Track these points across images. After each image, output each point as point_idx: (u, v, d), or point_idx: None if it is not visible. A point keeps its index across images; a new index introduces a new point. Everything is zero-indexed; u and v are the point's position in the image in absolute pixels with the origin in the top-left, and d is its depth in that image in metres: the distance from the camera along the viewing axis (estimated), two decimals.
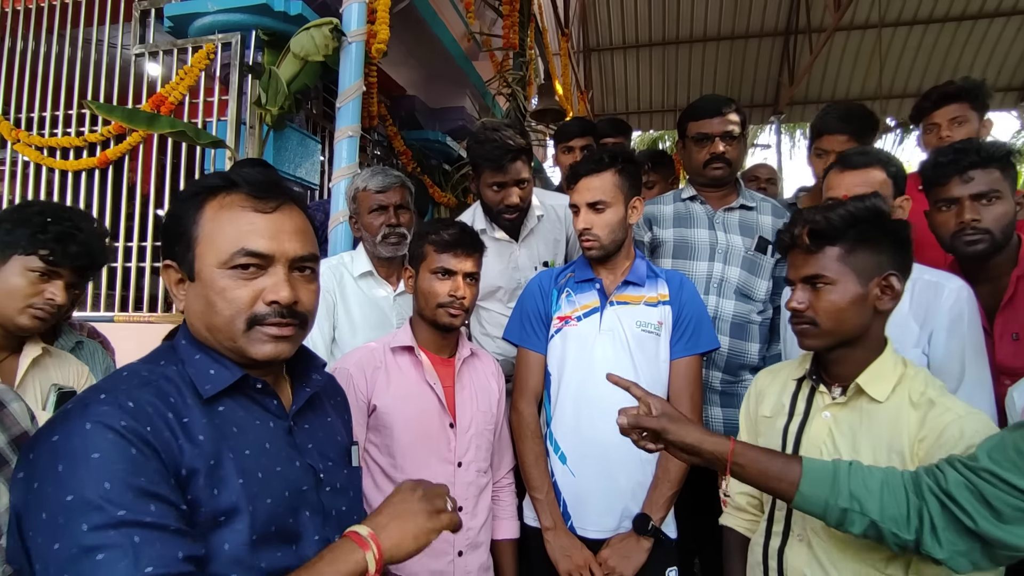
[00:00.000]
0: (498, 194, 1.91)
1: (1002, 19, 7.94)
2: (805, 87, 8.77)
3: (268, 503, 0.76)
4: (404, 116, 4.44)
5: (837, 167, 1.55)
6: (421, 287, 1.44)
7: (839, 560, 1.06)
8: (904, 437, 1.02)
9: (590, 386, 1.52)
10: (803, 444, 1.13)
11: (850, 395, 1.10)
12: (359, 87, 2.42)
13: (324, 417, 0.94)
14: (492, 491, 1.52)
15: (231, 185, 0.81)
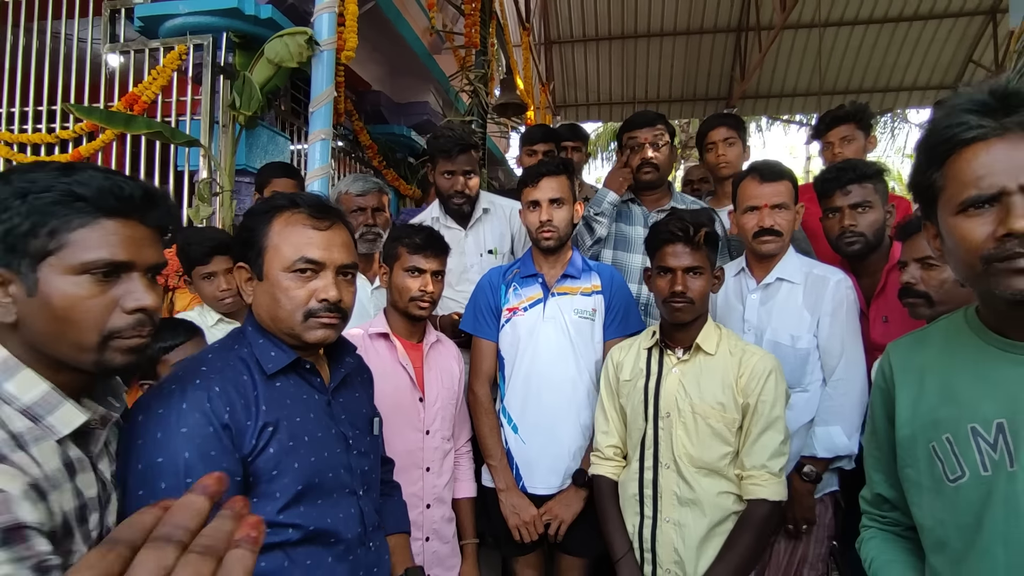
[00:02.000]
0: (448, 181, 2.22)
1: (934, 22, 8.45)
2: (756, 82, 9.17)
3: (312, 460, 1.00)
4: (370, 111, 4.58)
5: (755, 178, 1.81)
6: (395, 283, 1.68)
7: (696, 475, 1.45)
8: (731, 376, 1.45)
9: (537, 367, 1.80)
10: (661, 395, 1.50)
11: (692, 353, 1.50)
12: (331, 93, 2.60)
13: (354, 392, 1.18)
14: (454, 456, 1.78)
15: (295, 205, 1.04)
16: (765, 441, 1.42)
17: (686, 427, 1.48)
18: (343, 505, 1.04)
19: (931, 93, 9.22)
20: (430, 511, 1.65)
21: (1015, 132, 0.74)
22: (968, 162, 0.76)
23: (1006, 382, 0.80)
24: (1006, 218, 0.73)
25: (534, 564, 1.86)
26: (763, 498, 1.39)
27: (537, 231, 1.81)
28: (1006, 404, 0.79)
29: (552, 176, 1.81)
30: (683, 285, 1.46)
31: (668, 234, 1.50)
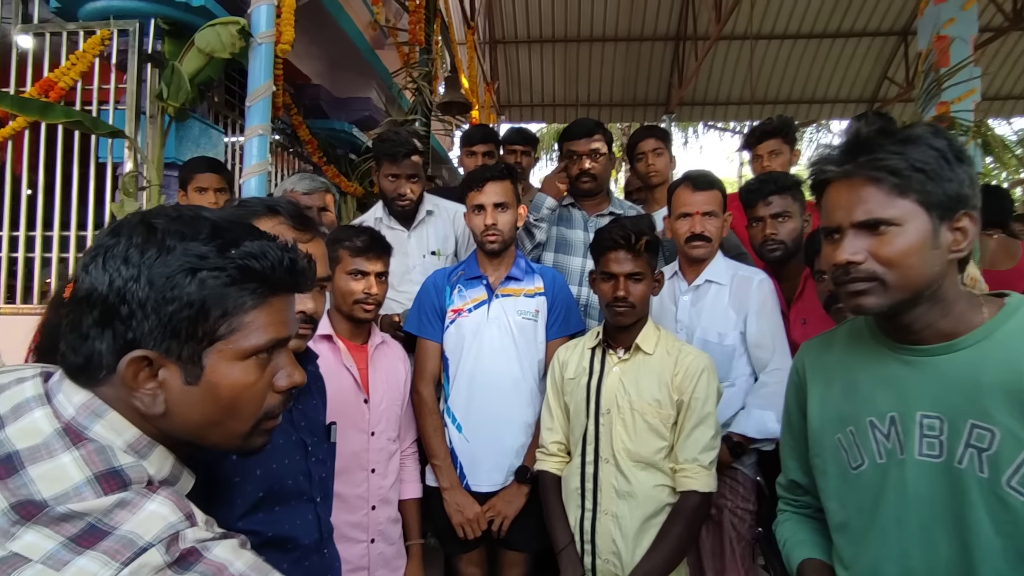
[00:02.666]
0: (393, 184, 2.23)
1: (854, 40, 9.04)
2: (692, 89, 9.53)
3: (273, 467, 0.99)
4: (309, 105, 4.46)
5: (687, 186, 1.90)
6: (338, 286, 1.66)
7: (634, 468, 1.52)
8: (667, 374, 1.53)
9: (481, 366, 1.83)
10: (602, 392, 1.57)
11: (631, 353, 1.57)
12: (269, 87, 2.52)
13: (311, 400, 1.16)
14: (400, 458, 1.78)
15: (276, 213, 1.01)
16: (697, 436, 1.50)
17: (625, 423, 1.54)
18: (301, 512, 1.03)
19: (851, 106, 9.87)
20: (375, 512, 1.64)
21: (857, 176, 0.86)
22: (827, 198, 0.91)
23: (896, 380, 0.90)
24: (835, 250, 0.88)
25: (477, 561, 1.88)
26: (694, 490, 1.47)
27: (482, 234, 1.84)
28: (897, 399, 0.89)
29: (497, 181, 1.85)
30: (625, 290, 1.53)
31: (611, 241, 1.57)
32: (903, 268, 0.85)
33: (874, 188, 0.85)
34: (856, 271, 0.86)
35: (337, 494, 1.52)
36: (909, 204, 0.84)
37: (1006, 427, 0.79)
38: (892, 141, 0.85)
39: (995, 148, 10.36)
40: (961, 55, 5.82)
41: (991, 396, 0.81)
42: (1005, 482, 0.79)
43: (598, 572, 1.52)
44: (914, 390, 0.88)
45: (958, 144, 0.85)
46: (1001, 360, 0.82)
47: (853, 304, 0.89)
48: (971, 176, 0.85)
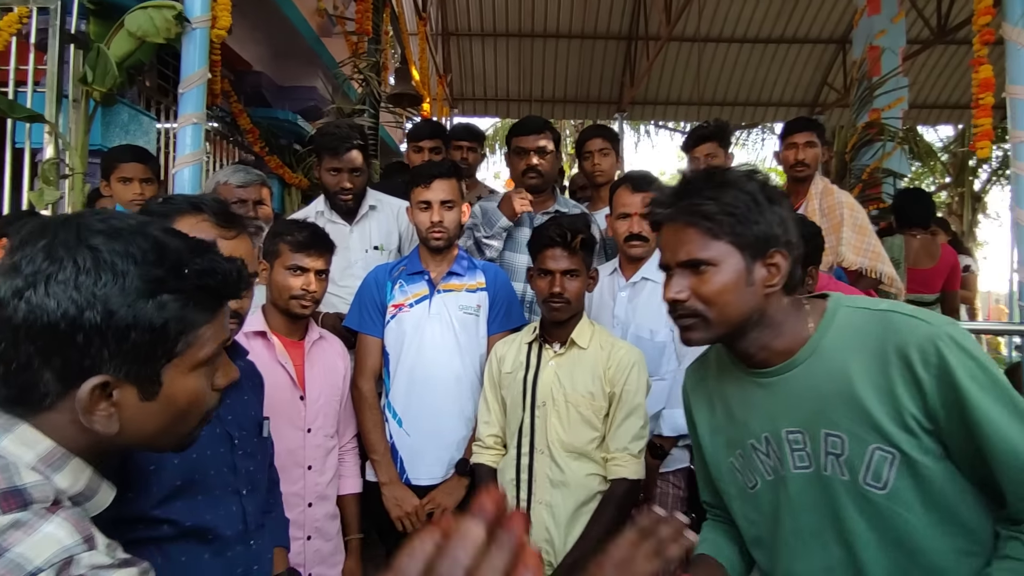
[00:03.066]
0: (334, 178, 2.20)
1: (796, 46, 9.41)
2: (644, 89, 9.71)
3: (193, 457, 0.98)
4: (250, 93, 4.33)
5: (627, 187, 1.95)
6: (275, 280, 1.63)
7: (567, 458, 1.56)
8: (600, 368, 1.58)
9: (422, 362, 1.83)
10: (538, 386, 1.61)
11: (567, 347, 1.62)
12: (204, 74, 2.42)
13: (242, 395, 1.16)
14: (339, 453, 1.76)
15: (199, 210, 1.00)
16: (628, 426, 1.56)
17: (559, 415, 1.58)
18: (224, 503, 1.04)
19: (794, 110, 10.26)
20: (312, 509, 1.63)
21: (678, 220, 0.94)
22: (659, 238, 0.99)
23: (758, 402, 0.96)
24: (665, 287, 0.95)
25: None
26: (624, 477, 1.53)
27: (427, 231, 1.84)
28: (764, 420, 0.95)
29: (444, 178, 1.85)
30: (560, 286, 1.57)
31: (548, 239, 1.61)
32: (720, 305, 0.90)
33: (693, 230, 0.91)
34: (682, 308, 0.93)
35: None
36: (723, 245, 0.90)
37: (849, 431, 0.85)
38: (710, 186, 0.91)
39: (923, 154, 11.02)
40: (891, 65, 6.17)
41: (831, 404, 0.87)
42: (862, 480, 0.85)
43: None
44: (774, 409, 0.94)
45: (770, 187, 0.92)
46: (830, 369, 0.88)
47: (683, 338, 0.96)
48: (781, 216, 0.91)
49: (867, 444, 0.84)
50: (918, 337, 0.82)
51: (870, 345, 0.86)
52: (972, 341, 0.82)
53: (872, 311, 0.89)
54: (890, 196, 5.01)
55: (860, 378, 0.85)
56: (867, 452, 0.84)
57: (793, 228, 0.92)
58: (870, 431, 0.84)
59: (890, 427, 0.82)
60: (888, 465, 0.83)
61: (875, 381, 0.84)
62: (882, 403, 0.83)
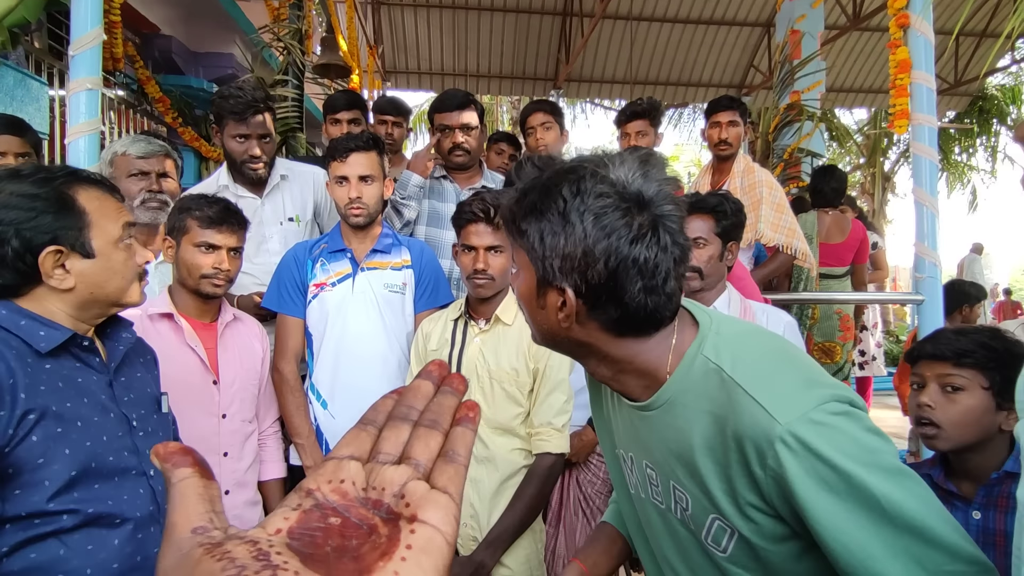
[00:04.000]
0: (242, 145, 2.04)
1: (725, 28, 9.67)
2: (580, 66, 9.74)
3: (88, 445, 0.94)
4: (159, 58, 4.01)
5: None
6: (183, 259, 1.53)
7: (492, 434, 1.58)
8: (524, 344, 1.58)
9: (347, 342, 1.78)
10: (463, 362, 1.61)
11: (491, 324, 1.61)
12: (98, 35, 2.20)
13: (135, 372, 1.12)
14: (259, 439, 1.70)
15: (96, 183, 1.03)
16: (551, 401, 1.58)
17: (484, 391, 1.58)
18: (128, 487, 1.01)
19: (722, 91, 10.56)
20: (230, 497, 1.56)
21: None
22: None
23: (628, 425, 0.87)
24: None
25: None
26: (547, 451, 1.55)
27: (346, 207, 1.77)
28: (631, 442, 0.88)
29: (362, 151, 1.77)
30: (484, 263, 1.55)
31: (471, 214, 1.58)
32: (526, 310, 0.80)
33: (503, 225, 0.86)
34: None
35: None
36: (518, 249, 0.77)
37: (692, 493, 0.78)
38: (527, 182, 0.76)
39: (839, 135, 11.67)
40: (810, 49, 6.45)
41: (677, 463, 0.79)
42: (704, 539, 0.79)
43: (458, 536, 1.55)
44: (637, 439, 0.86)
45: (580, 203, 0.69)
46: (677, 428, 0.77)
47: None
48: (584, 244, 0.69)
49: (708, 513, 0.77)
50: (755, 433, 0.68)
51: (714, 415, 0.73)
52: (833, 432, 0.66)
53: (723, 376, 0.73)
54: (808, 175, 5.29)
55: (701, 450, 0.74)
56: (707, 519, 0.77)
57: (604, 262, 0.69)
58: (708, 503, 0.76)
59: (727, 507, 0.74)
60: (727, 536, 0.76)
61: (715, 457, 0.74)
62: (720, 482, 0.74)
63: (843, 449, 0.65)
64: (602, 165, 0.72)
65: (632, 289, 0.71)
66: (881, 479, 0.65)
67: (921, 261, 2.61)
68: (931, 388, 1.20)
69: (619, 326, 0.75)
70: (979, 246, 10.67)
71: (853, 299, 3.94)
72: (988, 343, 1.19)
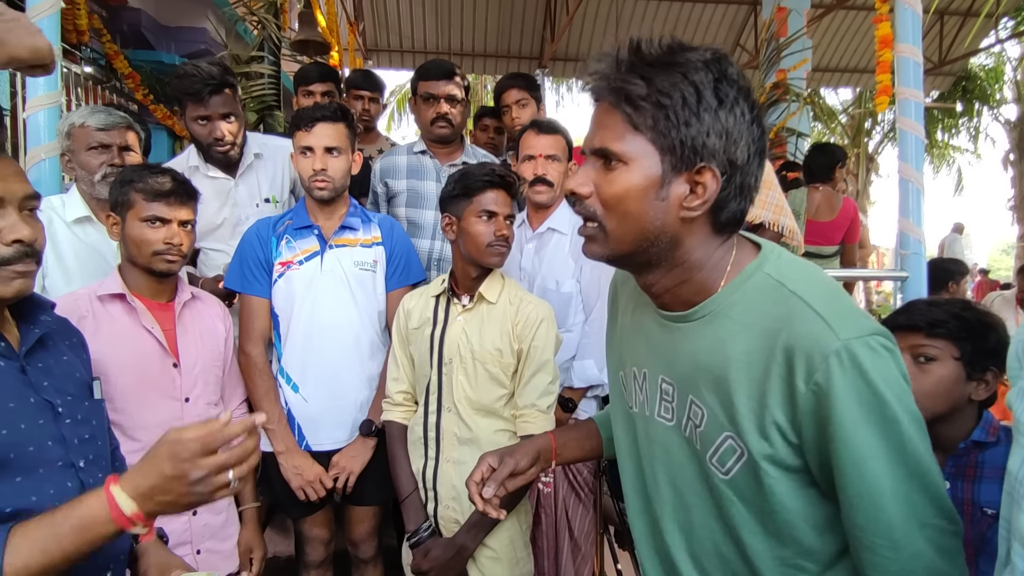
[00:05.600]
0: (204, 127, 1.93)
1: (711, 5, 9.56)
2: (565, 45, 9.60)
3: (3, 433, 0.85)
4: (127, 32, 3.84)
5: (533, 130, 1.92)
6: (131, 235, 1.44)
7: (475, 416, 1.52)
8: (509, 323, 1.52)
9: (317, 322, 1.71)
10: (446, 342, 1.54)
11: (475, 302, 1.54)
12: (55, 3, 2.07)
13: (60, 356, 1.01)
14: None
15: None
16: (536, 382, 1.52)
17: (467, 372, 1.53)
18: (54, 480, 0.91)
19: None
20: None
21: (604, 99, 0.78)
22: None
23: (652, 338, 0.88)
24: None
25: (322, 522, 1.82)
26: (532, 433, 1.49)
27: (310, 180, 1.69)
28: (648, 357, 0.88)
29: (328, 122, 1.69)
30: (508, 230, 1.51)
31: (494, 178, 1.51)
32: (619, 214, 0.76)
33: (616, 115, 0.75)
34: (581, 207, 0.79)
35: None
36: (641, 141, 0.73)
37: (711, 408, 0.78)
38: (653, 62, 0.73)
39: (824, 115, 11.65)
40: (797, 27, 6.37)
41: (703, 376, 0.79)
42: (708, 459, 0.79)
43: (440, 518, 1.53)
44: (659, 353, 0.86)
45: (728, 85, 0.72)
46: (713, 340, 0.78)
47: (583, 248, 0.83)
48: (726, 128, 0.72)
49: (723, 430, 0.77)
50: (810, 345, 0.69)
51: (764, 330, 0.74)
52: (883, 361, 0.68)
53: (784, 291, 0.74)
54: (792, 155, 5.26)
55: (738, 365, 0.75)
56: (720, 437, 0.77)
57: (745, 148, 0.73)
58: (727, 420, 0.76)
59: (747, 425, 0.74)
60: (735, 458, 0.76)
61: (752, 372, 0.74)
62: (749, 398, 0.74)
63: (887, 379, 0.68)
64: (724, 58, 0.74)
65: (751, 180, 0.76)
66: (909, 420, 0.68)
67: (906, 237, 2.58)
68: (904, 359, 1.18)
69: (721, 223, 0.77)
70: (960, 226, 10.78)
71: (837, 276, 3.93)
72: (960, 313, 1.20)
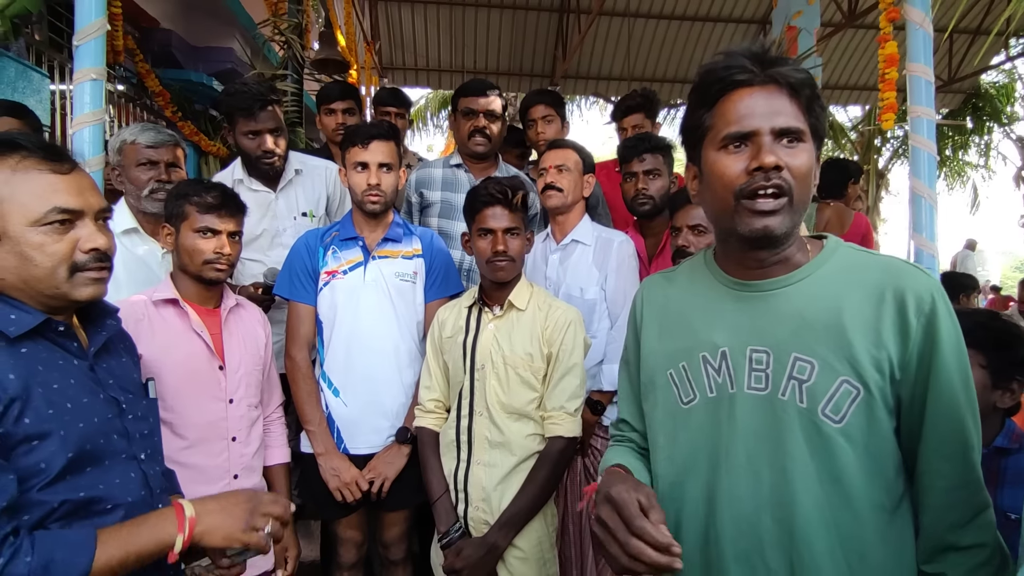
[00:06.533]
0: (254, 141, 2.05)
1: (721, 24, 9.68)
2: (576, 63, 9.74)
3: (80, 427, 0.92)
4: (158, 52, 3.98)
5: (548, 147, 2.05)
6: (184, 245, 1.52)
7: (507, 420, 1.57)
8: (538, 328, 1.58)
9: (359, 329, 1.79)
10: (478, 348, 1.60)
11: (505, 309, 1.61)
12: (101, 25, 2.18)
13: (119, 358, 1.09)
14: (264, 424, 1.70)
15: (20, 148, 0.90)
16: (564, 385, 1.58)
17: (498, 377, 1.58)
18: (119, 470, 0.99)
19: None
20: (238, 482, 1.56)
21: (772, 84, 0.86)
22: (735, 103, 0.87)
23: (730, 315, 0.93)
24: (757, 154, 0.85)
25: (356, 524, 1.87)
26: (560, 435, 1.55)
27: (364, 194, 1.77)
28: (729, 334, 0.92)
29: (383, 140, 1.78)
30: (504, 245, 1.56)
31: (488, 197, 1.58)
32: (806, 186, 0.86)
33: (788, 99, 0.86)
34: (777, 178, 0.84)
35: (194, 466, 1.44)
36: (806, 124, 0.86)
37: (823, 359, 0.85)
38: (792, 63, 0.87)
39: (834, 132, 11.70)
40: (807, 45, 6.47)
41: (812, 330, 0.86)
42: (820, 410, 0.84)
43: (470, 519, 1.57)
44: (746, 325, 0.91)
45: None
46: (821, 296, 0.87)
47: (760, 225, 0.86)
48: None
49: (837, 375, 0.84)
50: (918, 285, 0.84)
51: (868, 283, 0.86)
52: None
53: (874, 255, 0.91)
54: None
55: (851, 311, 0.85)
56: (835, 383, 0.84)
57: None
58: (844, 363, 0.84)
59: (866, 363, 0.83)
60: (850, 400, 0.84)
61: (865, 317, 0.84)
62: (866, 339, 0.84)
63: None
64: None
65: None
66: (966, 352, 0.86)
67: (920, 253, 2.62)
68: None
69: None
70: (972, 242, 10.74)
71: None
72: (986, 323, 1.24)
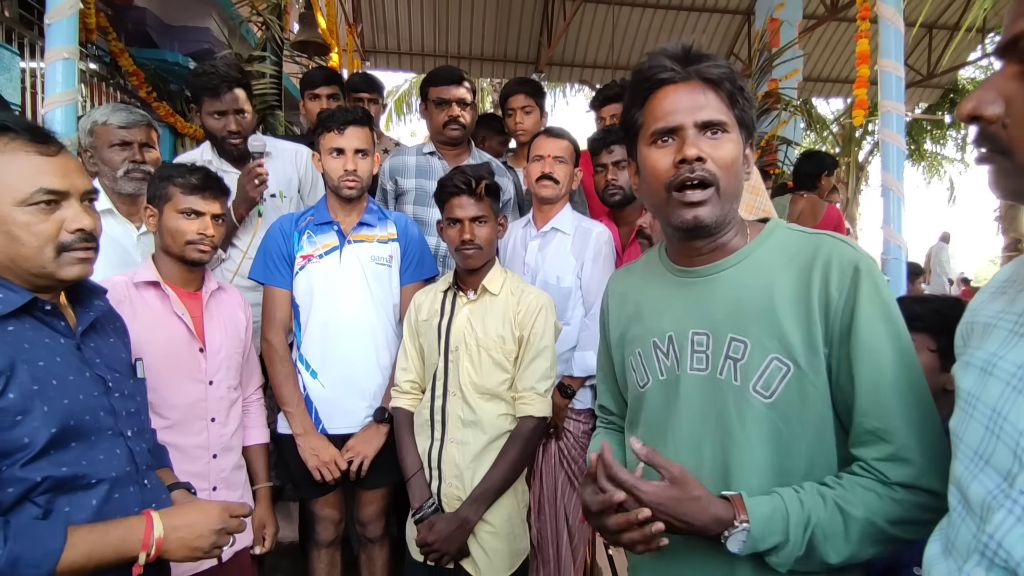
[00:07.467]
0: (219, 121, 2.09)
1: (705, 15, 9.71)
2: (561, 50, 9.72)
3: (65, 403, 0.95)
4: (132, 30, 3.90)
5: (544, 134, 2.07)
6: (167, 226, 1.54)
7: (479, 399, 1.62)
8: (511, 312, 1.63)
9: (336, 312, 1.82)
10: (452, 331, 1.65)
11: (479, 294, 1.66)
12: (75, 3, 2.15)
13: (107, 338, 1.12)
14: (243, 405, 1.73)
15: (6, 130, 0.92)
16: (535, 367, 1.63)
17: (471, 359, 1.63)
18: (104, 447, 1.02)
19: None
20: (217, 461, 1.59)
21: (694, 80, 0.91)
22: (660, 100, 0.92)
23: (676, 301, 0.99)
24: (681, 147, 0.90)
25: (333, 503, 1.91)
26: (530, 415, 1.61)
27: (341, 180, 1.80)
28: (675, 319, 0.98)
29: (358, 126, 1.81)
30: (471, 233, 1.60)
31: (453, 187, 1.62)
32: (731, 175, 0.90)
33: (712, 93, 0.90)
34: (701, 170, 0.88)
35: (175, 445, 1.47)
36: (732, 116, 0.91)
37: (755, 338, 0.89)
38: (713, 59, 0.91)
39: (816, 124, 11.84)
40: (789, 38, 6.53)
41: (745, 311, 0.91)
42: (752, 387, 0.89)
43: (443, 495, 1.63)
44: (689, 310, 0.97)
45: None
46: (754, 279, 0.92)
47: (691, 216, 0.90)
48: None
49: (767, 353, 0.88)
50: (843, 258, 0.88)
51: (799, 262, 0.90)
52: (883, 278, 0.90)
53: (809, 234, 0.94)
54: (781, 163, 5.40)
55: (782, 292, 0.89)
56: (765, 360, 0.88)
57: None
58: (775, 341, 0.88)
59: (796, 340, 0.87)
60: (780, 377, 0.88)
61: (795, 296, 0.88)
62: (796, 317, 0.88)
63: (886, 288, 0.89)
64: None
65: None
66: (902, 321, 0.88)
67: (887, 243, 2.72)
68: None
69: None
70: (947, 235, 11.00)
71: None
72: (940, 310, 1.29)
